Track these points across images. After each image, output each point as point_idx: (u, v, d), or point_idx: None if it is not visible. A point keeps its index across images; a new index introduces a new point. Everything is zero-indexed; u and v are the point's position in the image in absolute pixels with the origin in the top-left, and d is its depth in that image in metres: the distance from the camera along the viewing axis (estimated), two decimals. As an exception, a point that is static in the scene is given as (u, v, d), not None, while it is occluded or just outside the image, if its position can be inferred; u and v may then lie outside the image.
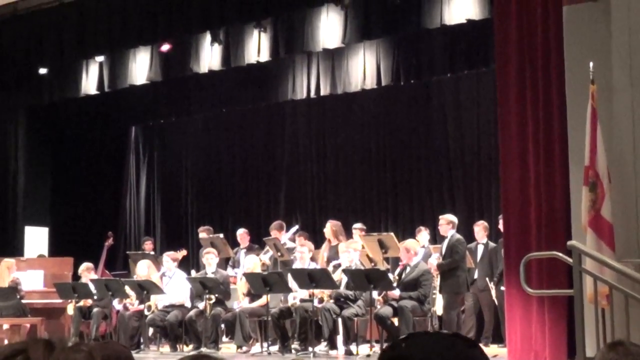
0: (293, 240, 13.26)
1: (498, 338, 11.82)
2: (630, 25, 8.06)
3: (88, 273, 13.59)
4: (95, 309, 12.98)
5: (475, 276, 12.14)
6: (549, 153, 8.89)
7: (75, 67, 14.75)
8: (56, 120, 17.10)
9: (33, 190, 16.76)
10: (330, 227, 12.60)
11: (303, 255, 11.91)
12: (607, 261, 6.85)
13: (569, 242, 7.00)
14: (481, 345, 2.14)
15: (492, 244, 12.26)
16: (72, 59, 13.95)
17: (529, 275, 8.25)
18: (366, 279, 10.56)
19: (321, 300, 11.21)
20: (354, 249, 11.64)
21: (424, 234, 12.66)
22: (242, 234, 14.17)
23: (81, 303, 13.00)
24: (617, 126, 8.06)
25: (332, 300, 11.23)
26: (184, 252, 14.07)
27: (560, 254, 7.42)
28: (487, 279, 12.03)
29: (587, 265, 7.17)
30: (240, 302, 12.29)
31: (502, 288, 10.21)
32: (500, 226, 11.21)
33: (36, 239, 16.50)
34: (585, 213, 7.56)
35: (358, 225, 13.16)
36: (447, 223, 11.65)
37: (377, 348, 11.10)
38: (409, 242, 11.52)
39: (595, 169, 7.57)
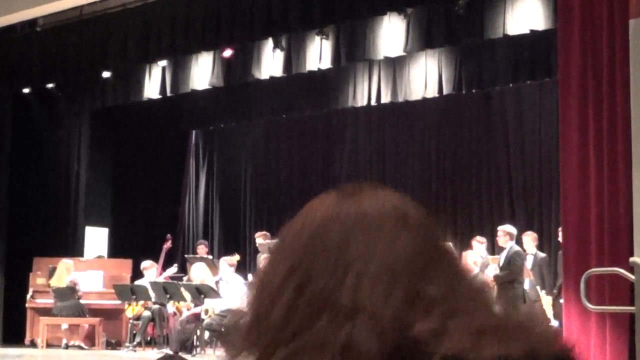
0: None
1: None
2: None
3: (149, 269, 13.85)
4: (145, 313, 13.14)
5: (527, 287, 12.00)
6: (612, 167, 8.75)
7: (138, 71, 14.89)
8: (118, 123, 17.28)
9: (94, 191, 16.95)
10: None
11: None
12: (670, 278, 6.70)
13: (631, 259, 6.87)
14: None
15: (540, 254, 12.18)
16: (136, 63, 14.08)
17: (590, 290, 8.13)
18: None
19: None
20: None
21: (478, 245, 12.54)
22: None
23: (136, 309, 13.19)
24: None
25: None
26: (237, 257, 14.10)
27: (622, 270, 7.28)
28: (537, 287, 11.93)
29: (649, 282, 7.03)
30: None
31: (562, 301, 10.08)
32: (560, 238, 11.09)
33: (96, 239, 16.69)
34: (648, 229, 7.44)
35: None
36: (505, 234, 11.53)
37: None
38: (472, 254, 11.44)
39: (659, 184, 7.44)
